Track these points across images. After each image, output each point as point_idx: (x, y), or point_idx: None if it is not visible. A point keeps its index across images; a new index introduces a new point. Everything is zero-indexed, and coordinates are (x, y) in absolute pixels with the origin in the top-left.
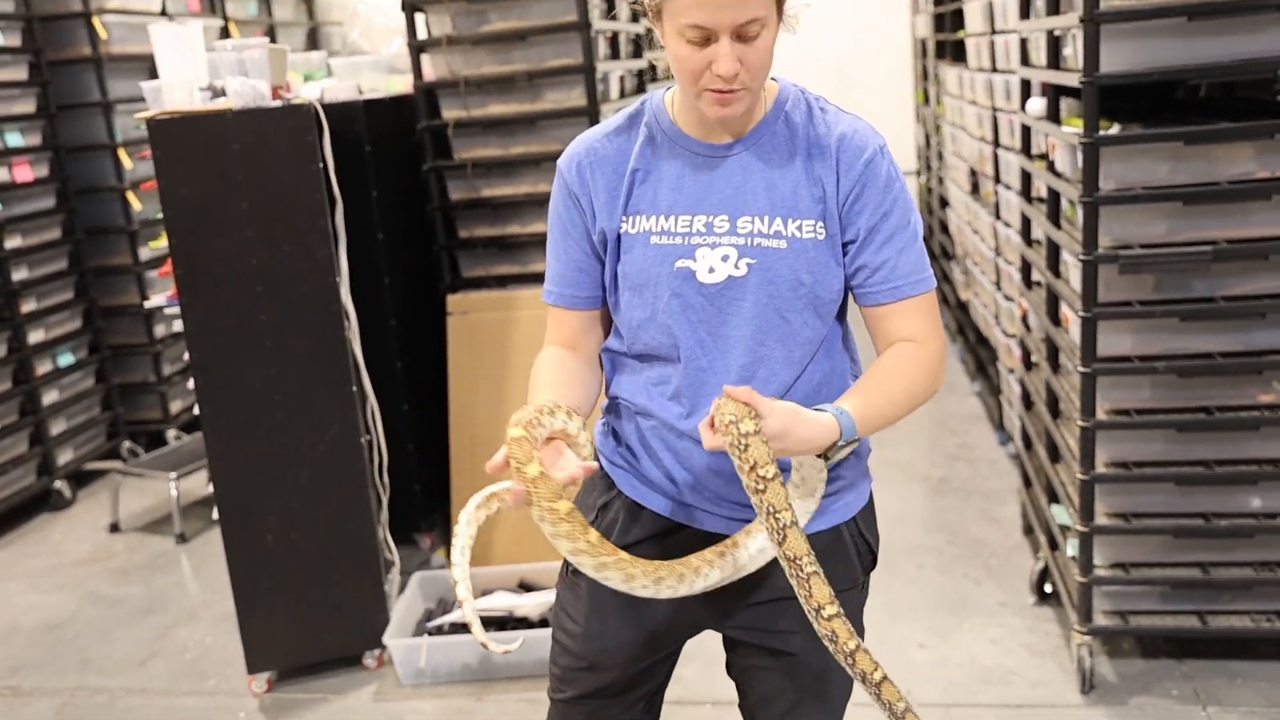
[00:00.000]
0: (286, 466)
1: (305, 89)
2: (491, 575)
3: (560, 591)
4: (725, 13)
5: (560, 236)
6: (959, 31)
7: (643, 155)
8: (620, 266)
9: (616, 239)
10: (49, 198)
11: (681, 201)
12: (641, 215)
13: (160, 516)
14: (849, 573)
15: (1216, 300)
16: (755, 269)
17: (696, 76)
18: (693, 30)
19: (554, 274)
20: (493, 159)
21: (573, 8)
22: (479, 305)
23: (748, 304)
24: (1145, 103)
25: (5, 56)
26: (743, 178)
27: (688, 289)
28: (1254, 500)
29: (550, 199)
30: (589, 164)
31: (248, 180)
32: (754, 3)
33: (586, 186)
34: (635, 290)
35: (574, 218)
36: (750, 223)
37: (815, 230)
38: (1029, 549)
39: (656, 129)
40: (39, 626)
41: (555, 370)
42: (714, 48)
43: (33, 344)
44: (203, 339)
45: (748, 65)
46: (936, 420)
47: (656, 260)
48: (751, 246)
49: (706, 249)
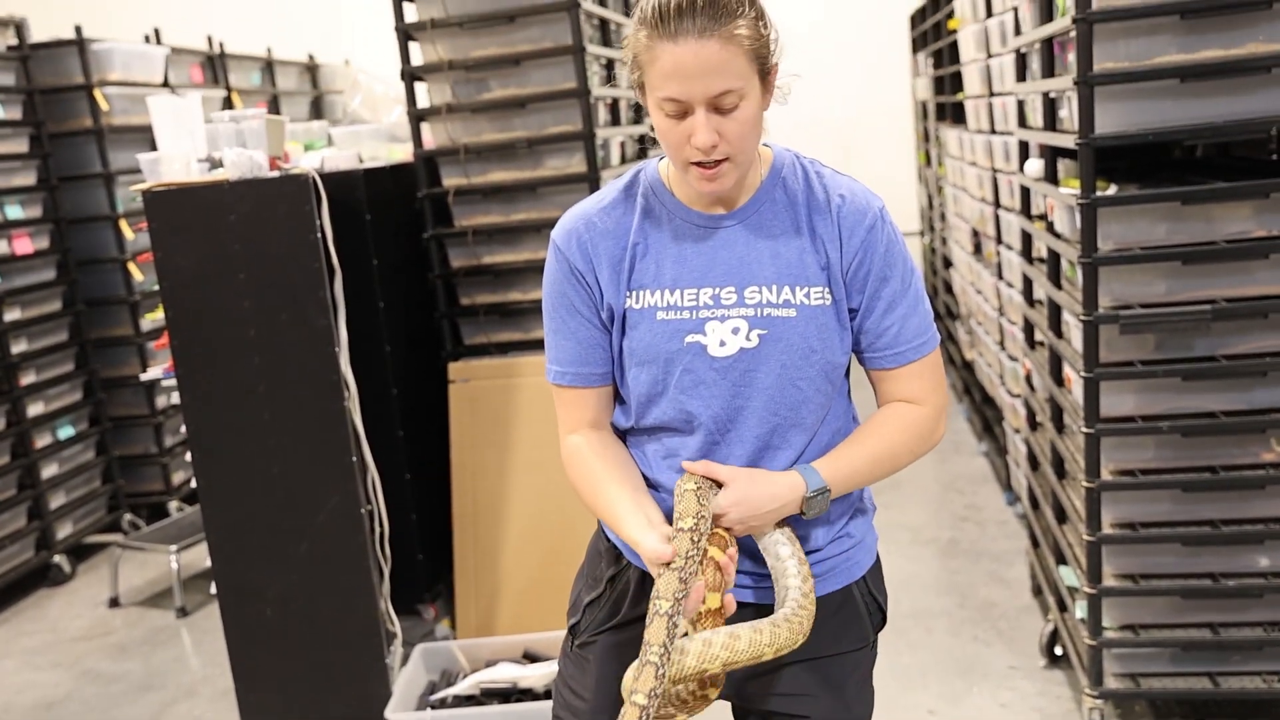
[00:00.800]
0: (286, 539)
1: (305, 158)
2: (496, 645)
3: (563, 665)
4: (696, 85)
5: (566, 315)
6: (958, 94)
7: (642, 229)
8: (626, 343)
9: (623, 315)
10: (49, 270)
11: (686, 275)
12: (645, 290)
13: (161, 590)
14: (860, 632)
15: (1218, 359)
16: (767, 339)
17: (679, 148)
18: (669, 104)
19: (564, 354)
20: (493, 226)
21: (572, 75)
22: (480, 373)
23: (761, 375)
24: (1142, 162)
25: (6, 130)
26: (746, 247)
27: (700, 364)
28: (1262, 560)
29: (546, 277)
30: (589, 238)
31: (245, 251)
32: (727, 74)
33: (589, 261)
34: (643, 365)
35: (580, 294)
36: (758, 293)
37: (823, 296)
38: (1039, 610)
39: (654, 200)
40: (34, 706)
41: (608, 456)
42: (691, 120)
43: (32, 417)
44: (200, 411)
45: (727, 137)
46: (944, 482)
47: (665, 336)
48: (761, 317)
49: (716, 322)
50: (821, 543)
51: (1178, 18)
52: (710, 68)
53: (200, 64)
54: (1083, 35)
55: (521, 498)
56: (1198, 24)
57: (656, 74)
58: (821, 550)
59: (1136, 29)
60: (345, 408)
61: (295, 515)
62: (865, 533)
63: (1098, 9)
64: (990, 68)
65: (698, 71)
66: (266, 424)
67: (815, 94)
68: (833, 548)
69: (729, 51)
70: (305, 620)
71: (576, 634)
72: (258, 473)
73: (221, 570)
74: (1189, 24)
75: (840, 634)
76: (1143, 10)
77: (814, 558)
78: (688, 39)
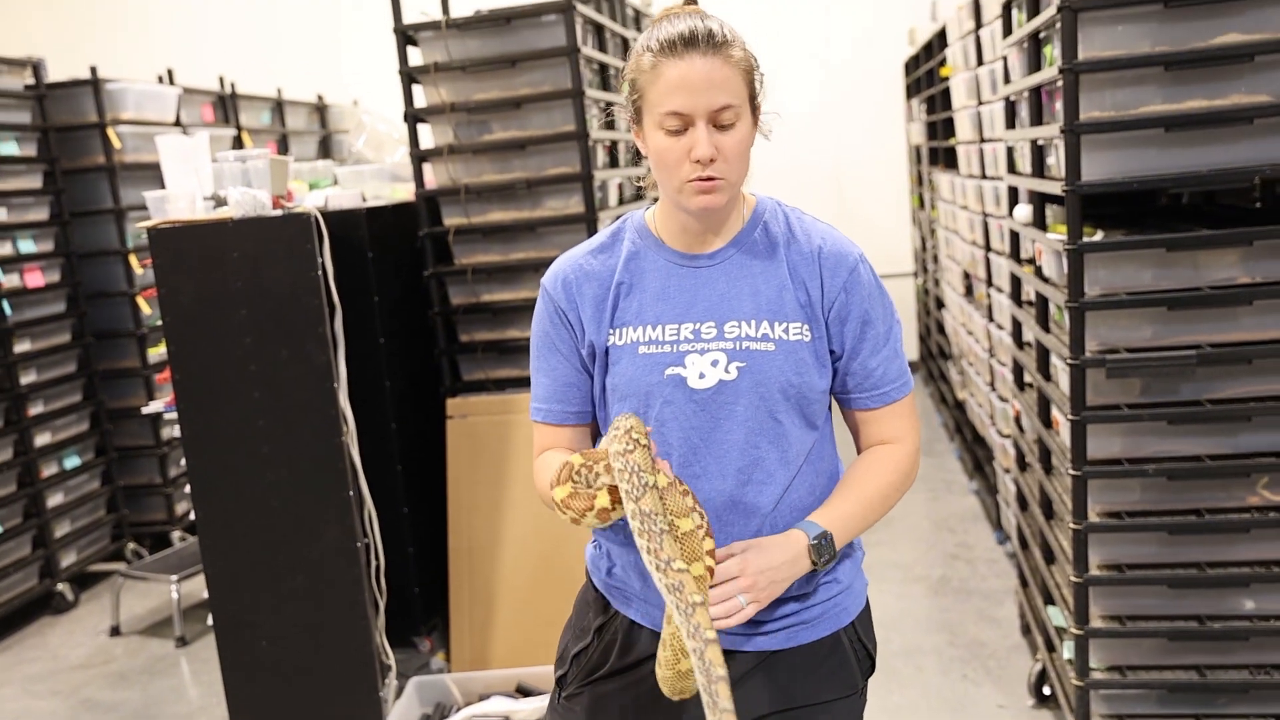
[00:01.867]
0: (283, 572)
1: (310, 197)
2: (490, 679)
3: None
4: (701, 98)
5: (548, 353)
6: (950, 139)
7: (627, 269)
8: (609, 379)
9: (605, 352)
10: (59, 302)
11: (668, 311)
12: (628, 327)
13: (162, 619)
14: (849, 679)
15: (1203, 403)
16: (745, 372)
17: (677, 167)
18: (671, 119)
19: (543, 391)
20: (493, 264)
21: (571, 118)
22: (478, 409)
23: (740, 407)
24: (1129, 209)
25: (21, 166)
26: (727, 284)
27: (679, 396)
28: (1247, 603)
29: (534, 318)
30: (575, 280)
31: (246, 287)
32: (727, 90)
33: (574, 302)
34: (624, 400)
35: (562, 334)
36: (738, 327)
37: (801, 332)
38: (1028, 650)
39: (639, 244)
40: None
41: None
42: (691, 134)
43: (39, 446)
44: (200, 444)
45: (723, 153)
46: (935, 520)
47: (646, 370)
48: (740, 350)
49: (696, 355)
50: (809, 588)
51: (1162, 69)
52: (714, 82)
53: (211, 103)
54: (1069, 85)
55: (517, 533)
56: (1182, 75)
57: (660, 90)
58: (810, 596)
59: (1122, 79)
60: (343, 442)
61: (293, 548)
62: (853, 578)
63: (1084, 60)
64: (981, 115)
65: (703, 85)
66: (266, 457)
67: (813, 137)
68: (820, 593)
69: (729, 70)
70: (301, 652)
71: (564, 685)
72: (256, 505)
73: (219, 601)
74: (1174, 75)
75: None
76: (1128, 61)
77: (802, 604)
78: (694, 56)
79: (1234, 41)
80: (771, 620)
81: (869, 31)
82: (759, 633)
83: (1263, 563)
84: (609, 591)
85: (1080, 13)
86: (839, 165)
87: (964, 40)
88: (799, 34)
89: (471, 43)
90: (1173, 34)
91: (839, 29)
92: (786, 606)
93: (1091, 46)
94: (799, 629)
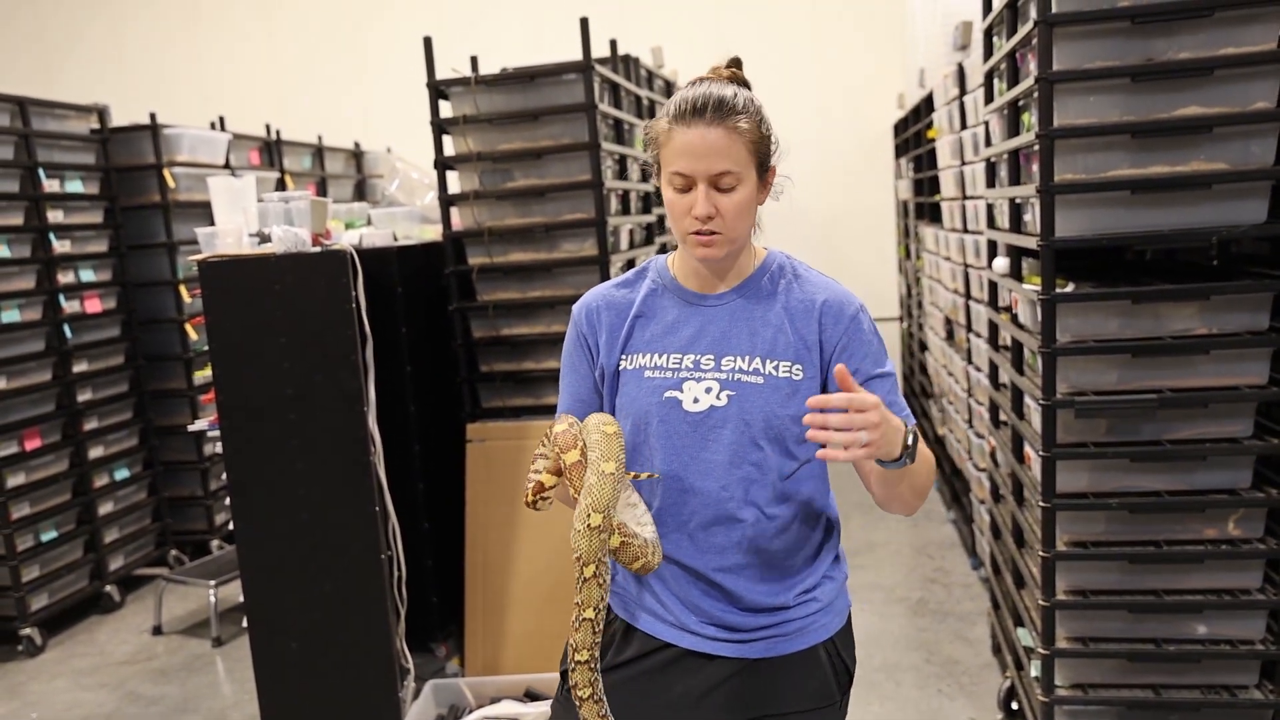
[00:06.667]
0: (312, 579)
1: (346, 236)
2: (501, 683)
3: (555, 709)
4: (701, 163)
5: (569, 372)
6: (935, 196)
7: (645, 303)
8: (618, 399)
9: (615, 374)
10: (115, 327)
11: (675, 342)
12: (639, 353)
13: (199, 621)
14: (825, 690)
15: (1163, 443)
16: (734, 399)
17: (682, 218)
18: (678, 178)
19: (563, 405)
20: (512, 301)
21: (587, 168)
22: (495, 434)
23: (727, 430)
24: (1098, 263)
25: (85, 203)
26: (729, 323)
27: (673, 416)
28: (1200, 628)
29: (565, 340)
30: (598, 309)
31: (286, 317)
32: (726, 158)
33: (595, 328)
34: (628, 417)
35: (582, 356)
36: (733, 361)
37: (791, 371)
38: (998, 667)
39: (659, 282)
40: None
41: None
42: (694, 193)
43: (92, 459)
44: (240, 460)
45: (721, 211)
46: (915, 546)
47: (648, 392)
48: (732, 381)
49: (693, 382)
50: (790, 602)
51: (1130, 137)
52: (715, 150)
53: (258, 148)
54: (1045, 149)
55: (528, 550)
56: (1147, 143)
57: (671, 152)
58: (789, 610)
59: (1093, 145)
60: (371, 462)
61: (322, 558)
62: (834, 597)
63: (1059, 126)
64: (964, 174)
65: (704, 152)
66: (299, 474)
67: (809, 192)
68: (799, 609)
69: (730, 140)
70: (327, 654)
71: (567, 679)
72: (289, 518)
73: (253, 605)
74: (1140, 142)
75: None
76: (1099, 129)
77: (780, 616)
78: (699, 126)
79: (1195, 114)
80: (750, 631)
81: (860, 95)
82: (739, 640)
83: (1215, 591)
84: (610, 595)
85: (1056, 84)
86: (833, 218)
87: (949, 106)
88: (797, 97)
89: (498, 98)
90: (1140, 105)
91: (832, 93)
92: (764, 618)
93: (1066, 115)
94: (777, 640)
